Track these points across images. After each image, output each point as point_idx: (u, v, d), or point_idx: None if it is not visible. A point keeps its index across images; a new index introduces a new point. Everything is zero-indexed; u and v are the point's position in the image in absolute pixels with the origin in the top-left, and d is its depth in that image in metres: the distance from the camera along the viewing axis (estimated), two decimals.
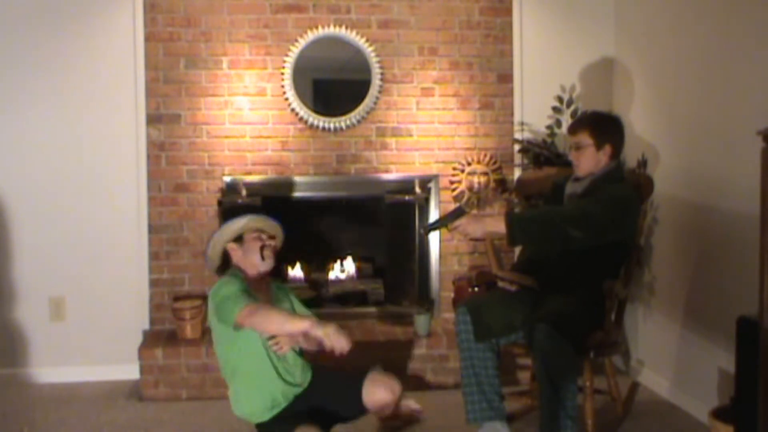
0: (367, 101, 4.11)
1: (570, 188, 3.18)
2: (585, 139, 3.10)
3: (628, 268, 3.21)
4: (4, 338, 3.99)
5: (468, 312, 3.03)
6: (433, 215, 4.15)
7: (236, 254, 2.86)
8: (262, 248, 2.85)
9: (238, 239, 2.86)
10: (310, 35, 4.06)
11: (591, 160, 3.10)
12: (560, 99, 4.14)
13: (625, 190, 3.06)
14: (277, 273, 4.34)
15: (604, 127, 3.14)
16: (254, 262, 2.84)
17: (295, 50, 4.06)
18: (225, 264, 2.91)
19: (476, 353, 3.02)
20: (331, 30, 4.08)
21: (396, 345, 3.85)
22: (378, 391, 2.74)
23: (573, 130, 3.18)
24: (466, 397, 3.06)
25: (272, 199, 4.11)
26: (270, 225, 2.94)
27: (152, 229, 4.06)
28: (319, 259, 4.38)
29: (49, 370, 4.00)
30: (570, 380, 2.80)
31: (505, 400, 3.08)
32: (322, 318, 2.64)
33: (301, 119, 4.10)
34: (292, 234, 4.45)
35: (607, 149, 3.10)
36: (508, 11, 4.18)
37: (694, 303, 3.43)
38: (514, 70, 4.19)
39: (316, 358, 2.87)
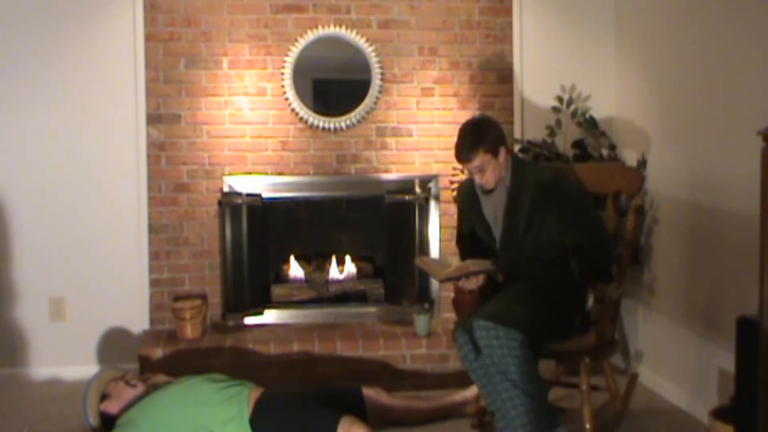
0: (367, 101, 4.11)
1: (489, 203, 3.10)
2: (483, 158, 2.99)
3: (621, 267, 3.18)
4: (5, 338, 3.99)
5: (465, 332, 2.94)
6: (434, 215, 4.16)
7: (113, 405, 3.00)
8: (126, 382, 3.04)
9: (104, 397, 3.03)
10: (310, 35, 4.06)
11: (496, 170, 3.03)
12: (560, 99, 4.14)
13: (551, 171, 3.09)
14: (277, 274, 4.36)
15: (488, 136, 3.03)
16: (131, 394, 3.01)
17: (295, 50, 4.06)
18: (107, 422, 3.01)
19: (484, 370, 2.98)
20: (331, 30, 4.08)
21: (396, 345, 3.85)
22: None
23: (468, 158, 3.01)
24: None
25: (272, 199, 4.12)
26: (115, 369, 3.24)
27: (152, 229, 4.06)
28: (319, 259, 4.38)
29: (50, 369, 4.00)
30: (526, 371, 2.74)
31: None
32: (321, 319, 2.63)
33: (301, 119, 4.10)
34: (293, 234, 4.50)
35: (502, 151, 3.04)
36: (508, 11, 4.18)
37: (694, 303, 3.42)
38: (514, 70, 4.20)
39: None
